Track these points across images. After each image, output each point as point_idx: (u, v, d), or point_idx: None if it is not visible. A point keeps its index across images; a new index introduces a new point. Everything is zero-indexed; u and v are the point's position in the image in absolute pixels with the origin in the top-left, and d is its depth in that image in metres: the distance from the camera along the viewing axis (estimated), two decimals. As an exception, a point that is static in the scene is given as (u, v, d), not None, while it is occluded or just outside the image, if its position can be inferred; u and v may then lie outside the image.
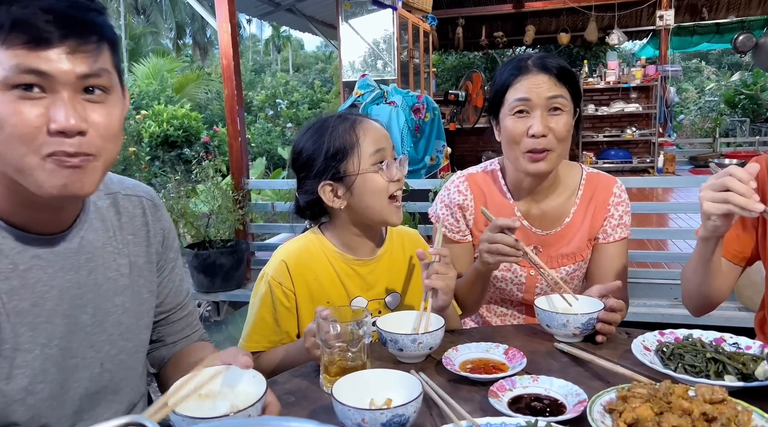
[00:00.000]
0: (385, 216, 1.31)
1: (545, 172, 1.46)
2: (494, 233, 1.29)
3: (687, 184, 6.20)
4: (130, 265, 1.06)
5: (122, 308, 1.03)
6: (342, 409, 0.87)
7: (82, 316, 0.98)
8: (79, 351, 0.97)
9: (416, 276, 1.43)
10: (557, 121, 1.41)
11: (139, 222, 1.10)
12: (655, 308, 3.38)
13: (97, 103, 0.85)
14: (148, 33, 24.63)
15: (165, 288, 1.16)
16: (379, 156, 1.29)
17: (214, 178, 3.91)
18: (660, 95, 8.32)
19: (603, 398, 0.93)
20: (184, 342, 1.22)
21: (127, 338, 1.04)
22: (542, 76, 1.42)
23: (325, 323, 1.06)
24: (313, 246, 1.36)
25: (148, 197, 1.13)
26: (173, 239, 1.18)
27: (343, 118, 1.34)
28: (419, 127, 4.64)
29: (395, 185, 1.30)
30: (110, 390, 1.03)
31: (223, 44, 3.92)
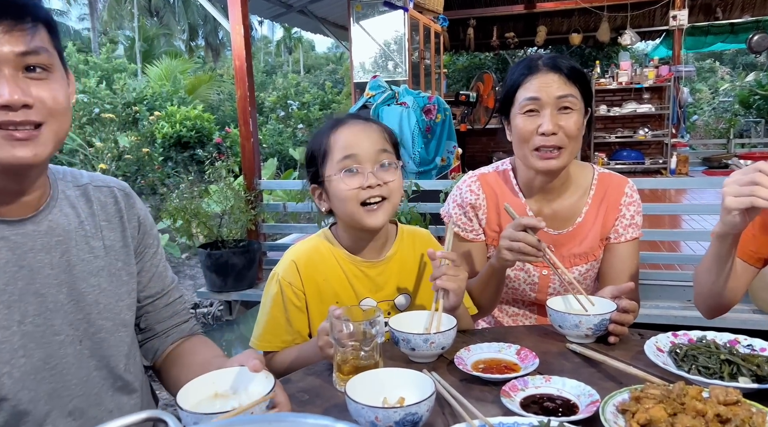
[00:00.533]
0: (357, 220, 1.28)
1: (556, 170, 1.46)
2: (517, 231, 1.29)
3: (700, 185, 6.16)
4: (105, 248, 1.10)
5: (98, 288, 1.07)
6: (355, 407, 0.88)
7: (58, 295, 1.02)
8: (61, 329, 1.02)
9: (427, 277, 1.43)
10: (567, 119, 1.42)
11: (112, 209, 1.14)
12: (668, 310, 3.36)
13: (39, 79, 0.91)
14: (161, 35, 24.82)
15: (147, 272, 1.19)
16: (348, 162, 1.26)
17: (227, 179, 3.94)
18: (673, 96, 8.25)
19: (616, 399, 0.93)
20: (175, 332, 1.23)
21: (105, 317, 1.07)
22: (552, 75, 1.43)
23: (338, 322, 1.07)
24: (323, 247, 1.38)
25: (119, 187, 1.18)
26: (150, 225, 1.21)
27: (331, 121, 1.34)
28: (430, 128, 4.64)
29: (366, 193, 1.25)
30: (95, 367, 1.06)
31: (236, 46, 3.95)
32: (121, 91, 10.86)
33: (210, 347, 1.23)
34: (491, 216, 1.58)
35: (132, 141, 8.38)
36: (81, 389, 1.04)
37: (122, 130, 9.12)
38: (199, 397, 0.93)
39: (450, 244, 1.33)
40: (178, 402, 0.88)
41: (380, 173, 1.27)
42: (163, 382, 1.23)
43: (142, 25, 23.14)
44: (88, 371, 1.05)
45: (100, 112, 9.13)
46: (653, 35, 10.71)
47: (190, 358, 1.19)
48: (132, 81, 13.64)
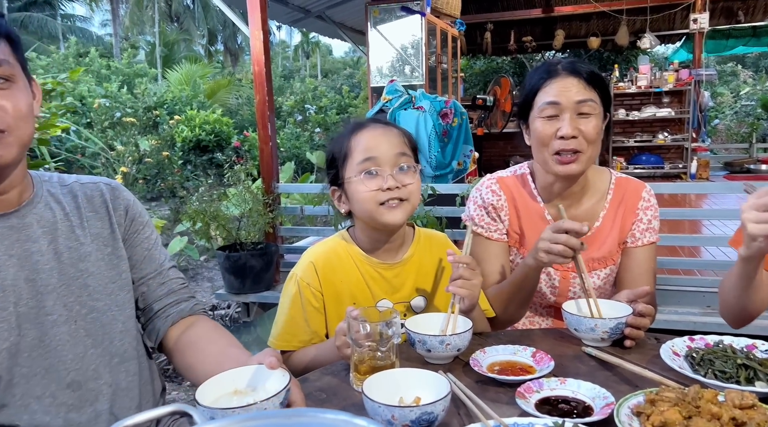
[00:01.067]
0: (376, 218, 1.30)
1: (575, 174, 1.46)
2: (559, 234, 1.28)
3: (721, 190, 6.05)
4: (92, 236, 1.18)
5: (86, 272, 1.14)
6: (372, 405, 0.90)
7: (50, 279, 1.09)
8: (54, 309, 1.09)
9: (445, 279, 1.44)
10: (586, 123, 1.42)
11: (98, 201, 1.22)
12: (687, 316, 3.32)
13: (2, 90, 0.99)
14: (181, 40, 25.16)
15: (138, 255, 1.25)
16: (368, 164, 1.29)
17: (245, 182, 3.99)
18: (693, 100, 8.15)
19: (631, 401, 0.94)
20: (174, 312, 1.26)
21: (96, 299, 1.14)
22: (572, 79, 1.43)
23: (355, 322, 1.09)
24: (340, 249, 1.40)
25: (105, 182, 1.26)
26: (138, 212, 1.28)
27: (352, 124, 1.37)
28: (447, 131, 4.65)
29: (385, 195, 1.28)
30: (91, 344, 1.12)
31: (255, 51, 4.00)
32: (142, 95, 11.04)
33: (222, 333, 1.25)
34: (512, 218, 1.59)
35: (152, 145, 8.51)
36: (77, 364, 1.10)
37: (143, 134, 9.27)
38: (218, 393, 0.96)
39: (468, 247, 1.33)
40: (197, 398, 0.90)
41: (399, 176, 1.29)
42: (178, 367, 1.25)
43: (162, 31, 23.50)
44: (84, 348, 1.11)
45: (121, 117, 9.30)
46: (673, 39, 10.60)
47: (206, 346, 1.20)
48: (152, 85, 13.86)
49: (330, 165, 1.38)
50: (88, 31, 25.31)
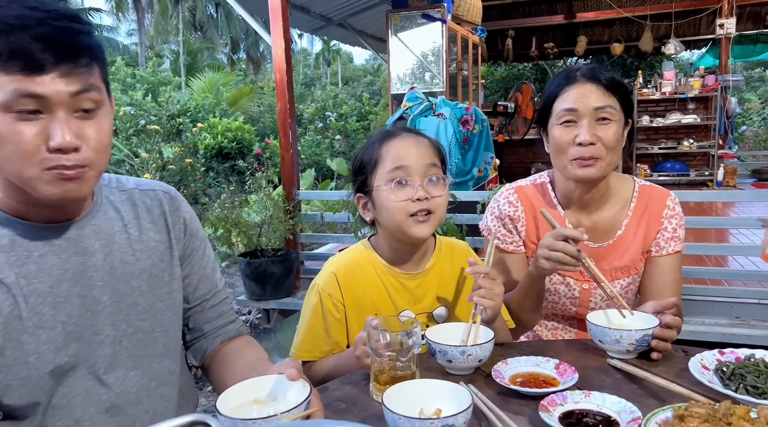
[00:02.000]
0: (405, 230, 1.29)
1: (594, 179, 1.44)
2: (557, 241, 1.28)
3: (749, 198, 5.94)
4: (149, 250, 1.12)
5: (138, 290, 1.09)
6: (393, 417, 0.89)
7: (101, 296, 1.05)
8: (102, 328, 1.04)
9: (466, 288, 1.42)
10: (605, 130, 1.40)
11: (157, 212, 1.16)
12: (714, 327, 3.24)
13: (88, 119, 0.93)
14: (204, 49, 25.56)
15: (195, 275, 1.21)
16: (398, 173, 1.27)
17: (266, 189, 4.01)
18: (720, 106, 8.00)
19: (658, 417, 0.91)
20: (223, 333, 1.25)
21: (142, 319, 1.10)
22: (590, 85, 1.41)
23: (375, 332, 1.08)
24: (362, 258, 1.39)
25: (164, 190, 1.20)
26: (196, 227, 1.23)
27: (383, 133, 1.37)
28: (467, 138, 4.63)
29: (416, 205, 1.26)
30: (132, 366, 1.09)
31: (277, 59, 4.03)
32: (165, 103, 11.23)
33: (255, 348, 1.25)
34: (530, 228, 1.57)
35: (175, 152, 8.64)
36: (118, 387, 1.06)
37: (166, 141, 9.42)
38: (238, 402, 0.95)
39: (491, 257, 1.31)
40: (217, 407, 0.90)
41: (428, 187, 1.28)
42: (211, 381, 1.25)
43: (186, 40, 23.90)
44: (125, 370, 1.07)
45: (145, 124, 9.47)
46: (699, 44, 10.43)
47: (235, 359, 1.21)
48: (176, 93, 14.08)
49: (358, 172, 1.36)
50: (114, 41, 25.84)
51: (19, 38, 0.83)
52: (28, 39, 0.84)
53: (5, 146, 0.88)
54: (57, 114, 0.89)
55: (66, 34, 0.88)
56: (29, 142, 0.88)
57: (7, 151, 0.88)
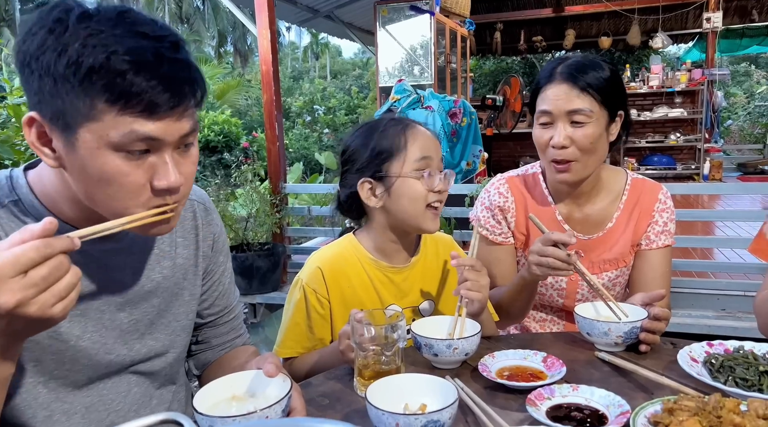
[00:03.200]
0: (420, 222, 1.29)
1: (569, 182, 1.45)
2: (546, 246, 1.25)
3: (735, 191, 5.99)
4: (174, 266, 1.07)
5: (157, 309, 1.04)
6: (376, 413, 0.86)
7: (118, 313, 0.99)
8: (113, 348, 0.99)
9: (451, 282, 1.41)
10: (580, 132, 1.38)
11: (189, 225, 1.10)
12: (701, 319, 3.26)
13: (186, 152, 0.88)
14: (191, 41, 25.29)
15: (214, 291, 1.17)
16: (423, 163, 1.27)
17: (253, 183, 3.97)
18: (706, 100, 8.05)
19: (647, 410, 0.89)
20: (229, 346, 1.23)
21: (156, 338, 1.05)
22: (565, 86, 1.39)
23: (359, 325, 1.05)
24: (347, 252, 1.36)
25: (200, 201, 1.13)
26: (223, 242, 1.18)
27: (398, 120, 1.33)
28: (456, 131, 4.61)
29: (435, 196, 1.28)
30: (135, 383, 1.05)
31: (263, 50, 3.98)
32: (151, 96, 11.07)
33: (247, 349, 1.22)
34: (520, 219, 1.55)
35: (162, 145, 8.53)
36: (119, 404, 1.02)
37: (152, 135, 9.29)
38: (215, 399, 0.92)
39: (475, 249, 1.30)
40: (194, 405, 0.87)
41: (444, 181, 1.31)
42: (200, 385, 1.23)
43: (172, 32, 23.58)
44: (128, 387, 1.04)
45: (131, 117, 9.33)
46: (686, 38, 10.49)
47: (228, 362, 1.18)
48: (162, 86, 13.90)
49: (374, 157, 1.30)
50: (99, 33, 25.44)
51: (139, 79, 0.77)
52: (148, 80, 0.77)
53: (110, 186, 0.81)
54: (165, 153, 0.83)
55: (182, 71, 0.81)
56: (136, 181, 0.82)
57: (112, 191, 0.82)
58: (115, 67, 0.75)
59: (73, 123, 0.78)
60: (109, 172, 0.80)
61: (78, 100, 0.76)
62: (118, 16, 0.80)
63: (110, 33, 0.77)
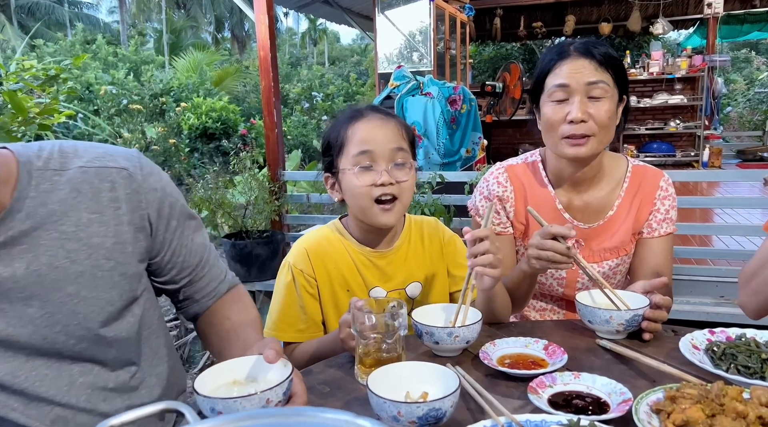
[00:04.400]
0: (370, 217, 1.29)
1: (585, 158, 1.40)
2: (545, 240, 1.24)
3: (734, 178, 5.98)
4: (88, 248, 0.96)
5: (77, 296, 0.95)
6: (377, 401, 0.86)
7: (26, 309, 0.92)
8: (28, 343, 0.93)
9: (438, 263, 1.43)
10: (598, 107, 1.36)
11: (106, 198, 0.97)
12: (700, 306, 3.27)
13: None
14: (188, 27, 25.07)
15: (179, 257, 1.10)
16: (363, 158, 1.26)
17: (251, 170, 3.95)
18: (707, 86, 8.01)
19: (649, 398, 0.89)
20: (214, 295, 1.18)
21: (86, 328, 0.97)
22: (583, 60, 1.37)
23: (360, 313, 1.05)
24: (332, 236, 1.39)
25: (119, 167, 0.99)
26: (170, 205, 1.06)
27: (350, 112, 1.34)
28: (455, 118, 4.58)
29: (378, 190, 1.25)
30: (79, 373, 1.00)
31: (261, 36, 3.94)
32: (148, 82, 11.00)
33: (241, 306, 1.18)
34: (519, 209, 1.54)
35: (159, 132, 8.49)
36: (63, 398, 0.97)
37: (149, 122, 9.25)
38: (217, 383, 0.92)
39: (488, 221, 1.26)
40: (196, 388, 0.87)
41: (394, 171, 1.27)
42: (202, 340, 1.21)
43: (169, 18, 23.39)
44: (70, 379, 0.98)
45: (128, 104, 9.28)
46: (686, 24, 10.39)
47: (221, 320, 1.16)
48: (159, 73, 13.81)
49: (325, 152, 1.35)
50: (95, 18, 25.25)
51: None
52: None
53: None
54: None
55: None
56: None
57: None
58: None
59: None
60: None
61: None
62: None
63: None
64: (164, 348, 1.16)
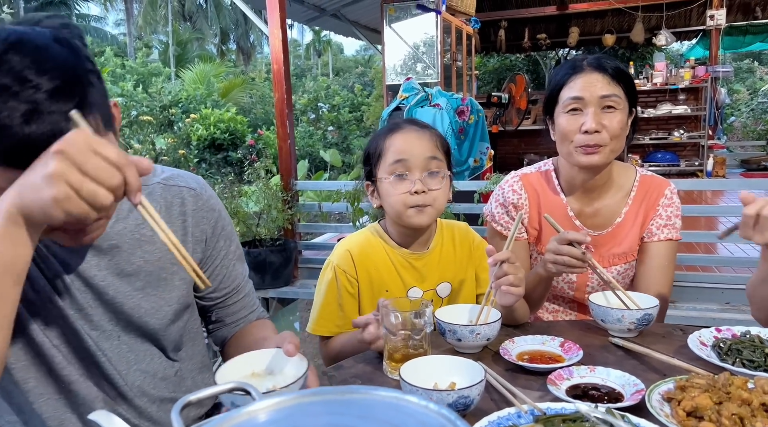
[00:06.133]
0: (404, 219, 1.38)
1: (598, 166, 1.48)
2: (561, 245, 1.31)
3: (738, 187, 5.99)
4: (159, 251, 1.07)
5: (142, 291, 1.06)
6: (411, 390, 0.93)
7: (96, 309, 1.03)
8: (99, 323, 1.03)
9: (466, 266, 1.52)
10: (611, 118, 1.44)
11: (176, 212, 1.10)
12: (706, 313, 3.32)
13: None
14: (194, 39, 25.33)
15: (218, 275, 1.19)
16: (398, 166, 1.35)
17: (265, 179, 4.03)
18: (710, 97, 8.09)
19: (661, 388, 0.96)
20: (243, 322, 1.27)
21: (144, 322, 1.07)
22: (596, 74, 1.45)
23: (387, 311, 1.13)
24: (373, 239, 1.47)
25: (189, 187, 1.13)
26: (222, 227, 1.18)
27: (389, 125, 1.44)
28: (463, 129, 4.67)
29: (413, 198, 1.34)
30: (132, 360, 1.09)
31: (275, 50, 4.04)
32: (157, 94, 11.15)
33: (265, 327, 1.26)
34: (533, 215, 1.62)
35: (168, 143, 8.61)
36: (124, 377, 1.06)
37: (159, 133, 9.37)
38: (236, 376, 0.94)
39: (511, 242, 1.32)
40: (216, 380, 0.90)
41: (427, 180, 1.36)
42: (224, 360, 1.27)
43: (175, 30, 23.66)
44: (135, 359, 1.08)
45: (138, 115, 9.41)
46: (689, 35, 10.50)
47: (245, 338, 1.23)
48: (167, 84, 13.98)
49: (365, 162, 1.46)
50: (102, 31, 25.55)
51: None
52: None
53: None
54: None
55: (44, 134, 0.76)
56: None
57: None
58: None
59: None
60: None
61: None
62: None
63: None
64: (199, 356, 1.25)
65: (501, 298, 1.26)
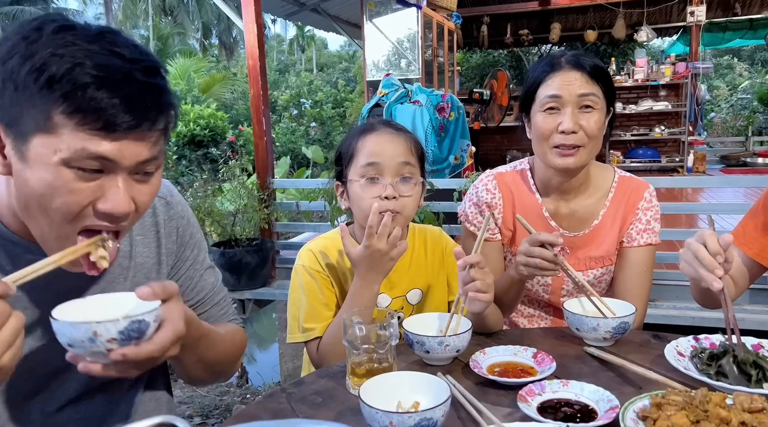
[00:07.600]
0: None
1: (574, 168, 1.43)
2: (533, 247, 1.25)
3: (718, 184, 6.05)
4: (135, 267, 1.04)
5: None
6: (369, 411, 0.87)
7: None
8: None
9: (438, 272, 1.46)
10: (588, 118, 1.39)
11: (149, 222, 1.07)
12: (686, 311, 3.31)
13: (144, 183, 0.84)
14: (175, 34, 25.00)
15: (183, 285, 1.13)
16: (369, 169, 1.29)
17: (240, 178, 3.94)
18: (690, 93, 8.13)
19: (636, 405, 0.91)
20: None
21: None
22: (574, 73, 1.40)
23: (351, 323, 1.06)
24: (338, 242, 1.39)
25: (160, 196, 1.09)
26: (190, 235, 1.14)
27: (363, 125, 1.39)
28: (443, 126, 4.61)
29: (384, 203, 1.26)
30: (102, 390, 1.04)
31: (249, 44, 3.94)
32: (136, 90, 10.93)
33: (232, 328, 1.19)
34: (507, 215, 1.56)
35: (147, 139, 8.44)
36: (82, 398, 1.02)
37: (137, 129, 9.19)
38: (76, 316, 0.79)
39: (479, 247, 1.26)
40: (54, 314, 0.78)
41: (399, 186, 1.29)
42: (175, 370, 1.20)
43: (156, 24, 23.33)
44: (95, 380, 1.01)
45: (115, 111, 9.21)
46: (670, 32, 10.55)
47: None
48: (146, 80, 13.74)
49: (337, 161, 1.40)
50: (81, 25, 25.02)
51: (100, 94, 0.73)
52: (110, 97, 0.74)
53: (53, 200, 0.77)
54: (117, 177, 0.79)
55: (151, 95, 0.78)
56: (79, 202, 0.78)
57: (52, 207, 0.78)
58: (78, 79, 0.73)
59: (28, 132, 0.75)
60: (54, 186, 0.76)
61: (35, 109, 0.74)
62: (99, 34, 0.77)
63: (83, 47, 0.74)
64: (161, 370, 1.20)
65: (470, 304, 1.21)
